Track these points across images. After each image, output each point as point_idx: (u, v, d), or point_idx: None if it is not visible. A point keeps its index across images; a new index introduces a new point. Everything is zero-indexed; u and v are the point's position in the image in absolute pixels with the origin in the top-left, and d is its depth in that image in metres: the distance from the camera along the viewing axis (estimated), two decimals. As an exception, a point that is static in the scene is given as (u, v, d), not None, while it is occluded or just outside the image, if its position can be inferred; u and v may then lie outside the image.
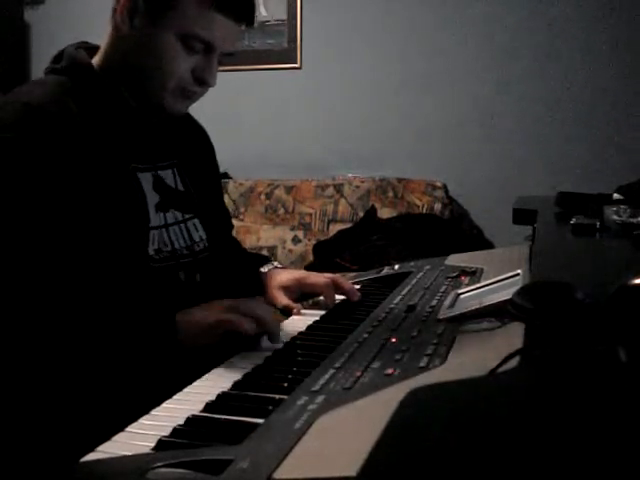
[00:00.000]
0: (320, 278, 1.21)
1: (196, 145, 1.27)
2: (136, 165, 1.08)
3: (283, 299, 1.19)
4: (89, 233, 0.98)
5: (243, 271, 1.30)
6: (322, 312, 1.14)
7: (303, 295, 1.23)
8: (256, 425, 0.64)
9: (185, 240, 1.14)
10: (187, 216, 1.16)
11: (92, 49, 1.12)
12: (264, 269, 1.27)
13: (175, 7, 1.02)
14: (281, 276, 1.24)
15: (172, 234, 1.11)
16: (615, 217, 1.30)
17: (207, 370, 0.85)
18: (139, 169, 1.09)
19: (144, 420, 0.70)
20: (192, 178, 1.20)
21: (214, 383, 0.80)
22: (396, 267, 1.40)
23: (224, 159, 1.34)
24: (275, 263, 1.31)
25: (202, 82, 1.07)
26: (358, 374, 0.75)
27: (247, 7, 1.08)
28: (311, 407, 0.66)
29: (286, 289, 1.21)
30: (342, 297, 1.21)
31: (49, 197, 0.95)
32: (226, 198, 3.11)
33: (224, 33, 1.05)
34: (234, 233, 1.43)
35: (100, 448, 0.62)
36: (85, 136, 1.01)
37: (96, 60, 1.10)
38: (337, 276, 1.24)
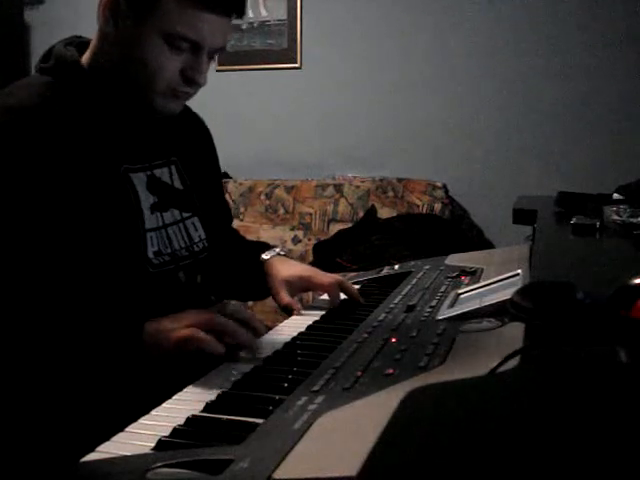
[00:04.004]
0: (326, 278, 1.20)
1: (196, 140, 1.23)
2: (129, 166, 1.05)
3: (285, 297, 1.17)
4: (79, 239, 0.96)
5: (244, 260, 1.28)
6: (322, 312, 1.14)
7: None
8: (256, 425, 0.64)
9: (184, 240, 1.11)
10: (185, 215, 1.13)
11: (84, 44, 1.08)
12: (266, 255, 1.25)
13: (156, 7, 0.97)
14: (287, 270, 1.22)
15: (171, 234, 1.09)
16: (615, 217, 1.30)
17: (206, 371, 0.85)
18: (132, 170, 1.05)
19: (144, 420, 0.70)
20: (192, 175, 1.17)
21: (214, 383, 0.80)
22: (396, 267, 1.40)
23: (224, 159, 1.33)
24: (277, 249, 1.28)
25: (191, 82, 1.03)
26: (358, 374, 0.75)
27: None
28: (311, 407, 0.66)
29: (290, 284, 1.19)
30: (343, 297, 1.20)
31: (34, 202, 0.94)
32: (226, 198, 3.11)
33: (211, 29, 0.99)
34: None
35: (100, 448, 0.62)
36: (72, 139, 0.98)
37: (86, 57, 1.06)
38: (343, 279, 1.22)
